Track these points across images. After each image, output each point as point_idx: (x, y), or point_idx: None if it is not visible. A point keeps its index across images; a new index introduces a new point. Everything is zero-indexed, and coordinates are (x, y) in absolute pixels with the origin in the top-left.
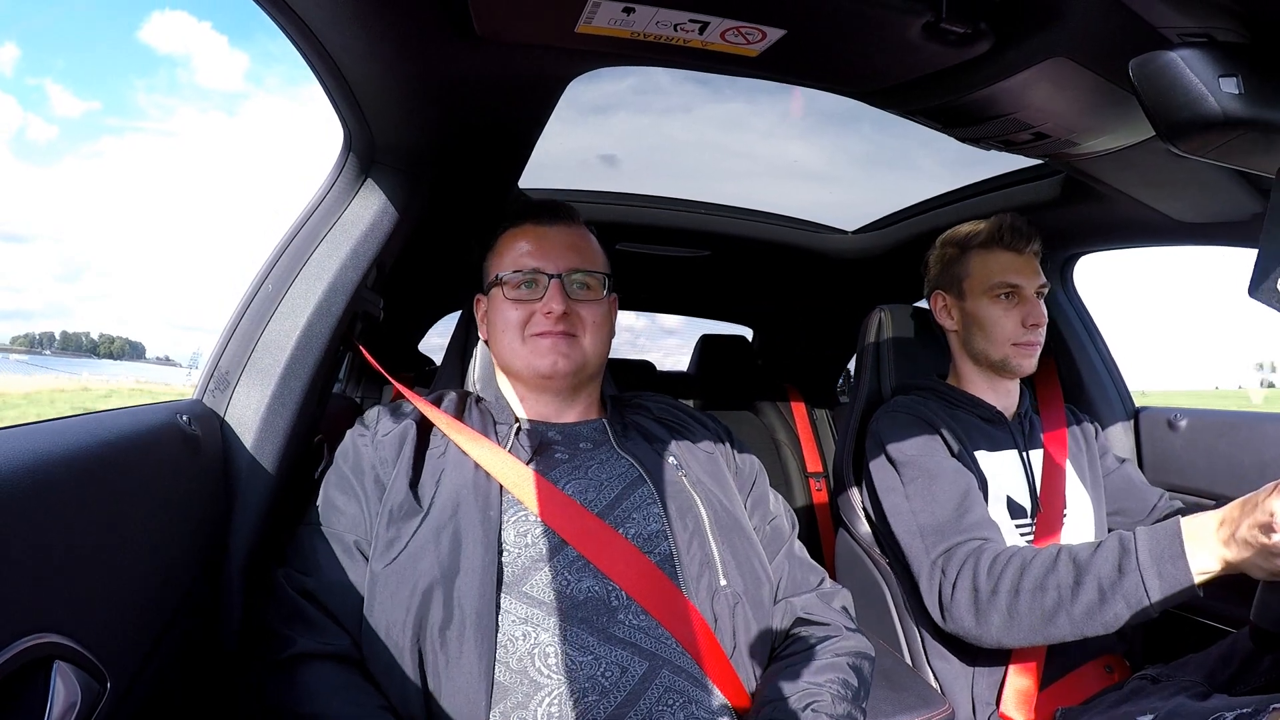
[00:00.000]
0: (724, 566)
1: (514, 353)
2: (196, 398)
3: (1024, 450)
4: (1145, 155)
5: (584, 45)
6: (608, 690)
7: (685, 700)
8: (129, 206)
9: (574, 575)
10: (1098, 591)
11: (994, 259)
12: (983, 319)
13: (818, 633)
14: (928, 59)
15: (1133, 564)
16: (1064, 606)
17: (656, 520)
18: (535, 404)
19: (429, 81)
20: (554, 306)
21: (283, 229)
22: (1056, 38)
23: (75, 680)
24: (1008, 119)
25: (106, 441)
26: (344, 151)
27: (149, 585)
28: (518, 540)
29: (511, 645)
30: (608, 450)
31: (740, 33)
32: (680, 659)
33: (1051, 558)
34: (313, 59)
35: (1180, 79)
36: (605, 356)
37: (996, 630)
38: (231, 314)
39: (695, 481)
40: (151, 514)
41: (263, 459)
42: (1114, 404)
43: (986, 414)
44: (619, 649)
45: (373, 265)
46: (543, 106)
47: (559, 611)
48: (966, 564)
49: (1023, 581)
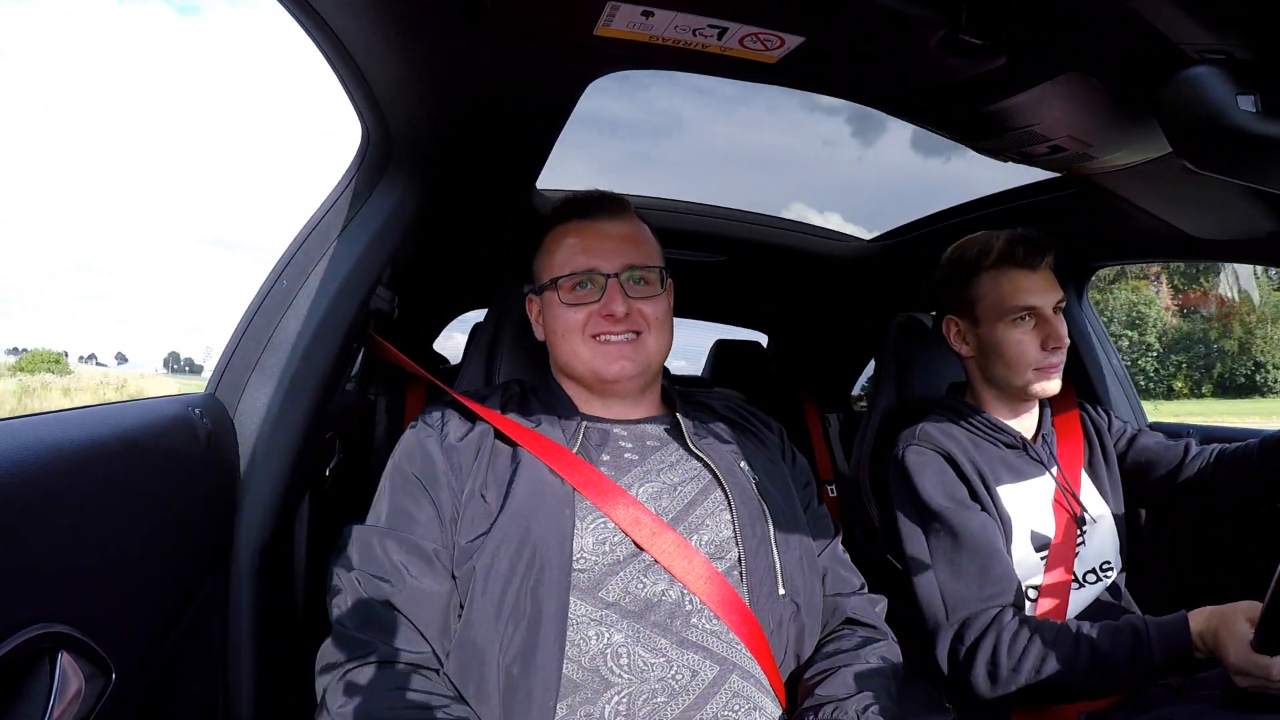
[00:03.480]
0: (785, 574)
1: (576, 356)
2: (209, 391)
3: (1047, 469)
4: (1162, 171)
5: (603, 48)
6: (677, 692)
7: (750, 706)
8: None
9: (649, 579)
10: (1114, 677)
11: (1007, 279)
12: (1001, 345)
13: (865, 634)
14: (945, 70)
15: (1145, 655)
16: (1080, 689)
17: (727, 528)
18: (598, 403)
19: (447, 81)
20: (615, 309)
21: (298, 225)
22: (1074, 52)
23: (80, 670)
24: (1025, 131)
25: (118, 433)
26: (361, 148)
27: (157, 577)
28: (596, 548)
29: (584, 644)
30: (677, 450)
31: (759, 39)
32: (749, 664)
33: (1073, 644)
34: (332, 57)
35: (1198, 96)
36: (668, 352)
37: (1010, 694)
38: (245, 309)
39: (764, 489)
40: (161, 506)
41: (273, 454)
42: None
43: (1008, 440)
44: (691, 652)
45: (387, 263)
46: (561, 108)
47: (633, 614)
48: (987, 636)
49: (1043, 669)
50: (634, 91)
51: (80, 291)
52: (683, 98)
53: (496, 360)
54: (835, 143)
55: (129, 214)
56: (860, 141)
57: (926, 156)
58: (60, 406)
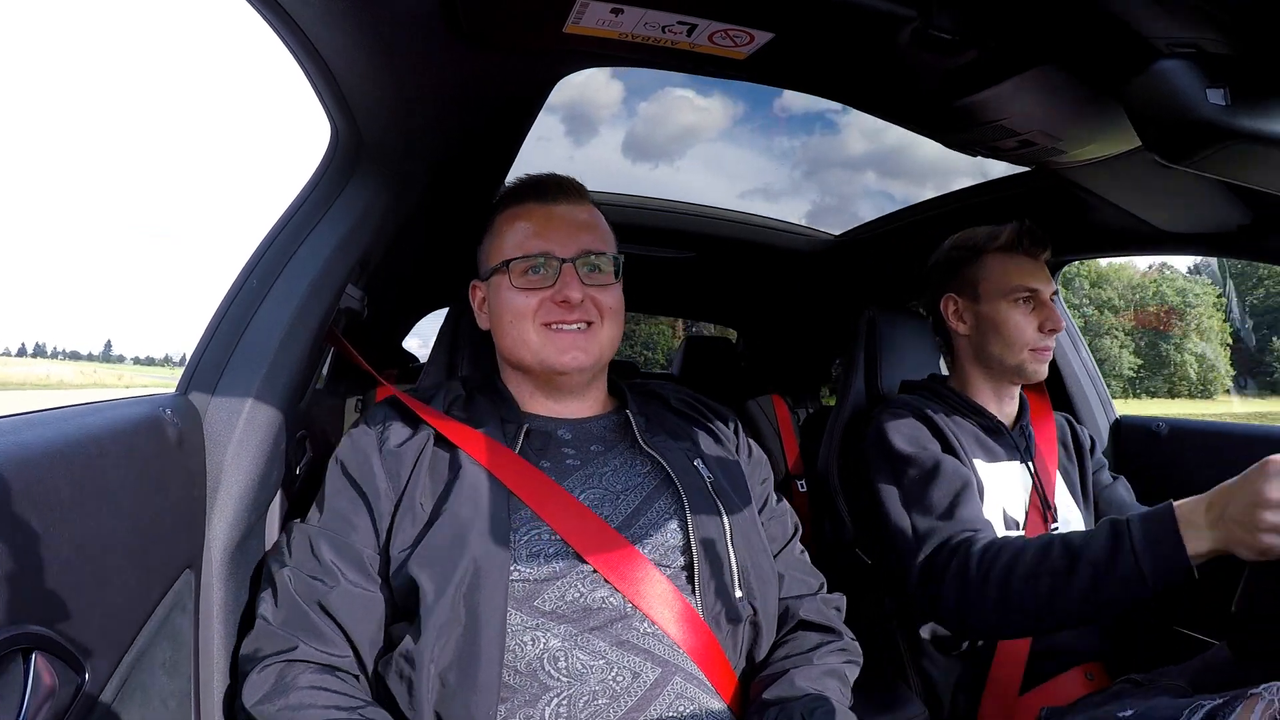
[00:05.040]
0: (740, 577)
1: (523, 344)
2: (179, 391)
3: (1023, 461)
4: (1132, 164)
5: (572, 45)
6: (619, 694)
7: (696, 708)
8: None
9: (588, 587)
10: (1092, 577)
11: (1013, 262)
12: (1000, 323)
13: (818, 639)
14: (915, 65)
15: (1127, 547)
16: (1058, 593)
17: (676, 535)
18: (543, 399)
19: (417, 80)
20: (571, 294)
21: (268, 224)
22: (1044, 45)
23: (54, 671)
24: (994, 126)
25: (88, 434)
26: (331, 148)
27: (128, 577)
28: (530, 560)
29: (520, 650)
30: (625, 452)
31: (729, 35)
32: (692, 667)
33: (1044, 545)
34: (301, 57)
35: (1168, 89)
36: (618, 345)
37: (986, 619)
38: (216, 308)
39: (720, 489)
40: (133, 507)
41: (244, 454)
42: (1096, 412)
43: (988, 423)
44: (632, 654)
45: (357, 262)
46: (530, 105)
47: (571, 620)
48: (957, 554)
49: (1015, 569)
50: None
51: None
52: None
53: (457, 357)
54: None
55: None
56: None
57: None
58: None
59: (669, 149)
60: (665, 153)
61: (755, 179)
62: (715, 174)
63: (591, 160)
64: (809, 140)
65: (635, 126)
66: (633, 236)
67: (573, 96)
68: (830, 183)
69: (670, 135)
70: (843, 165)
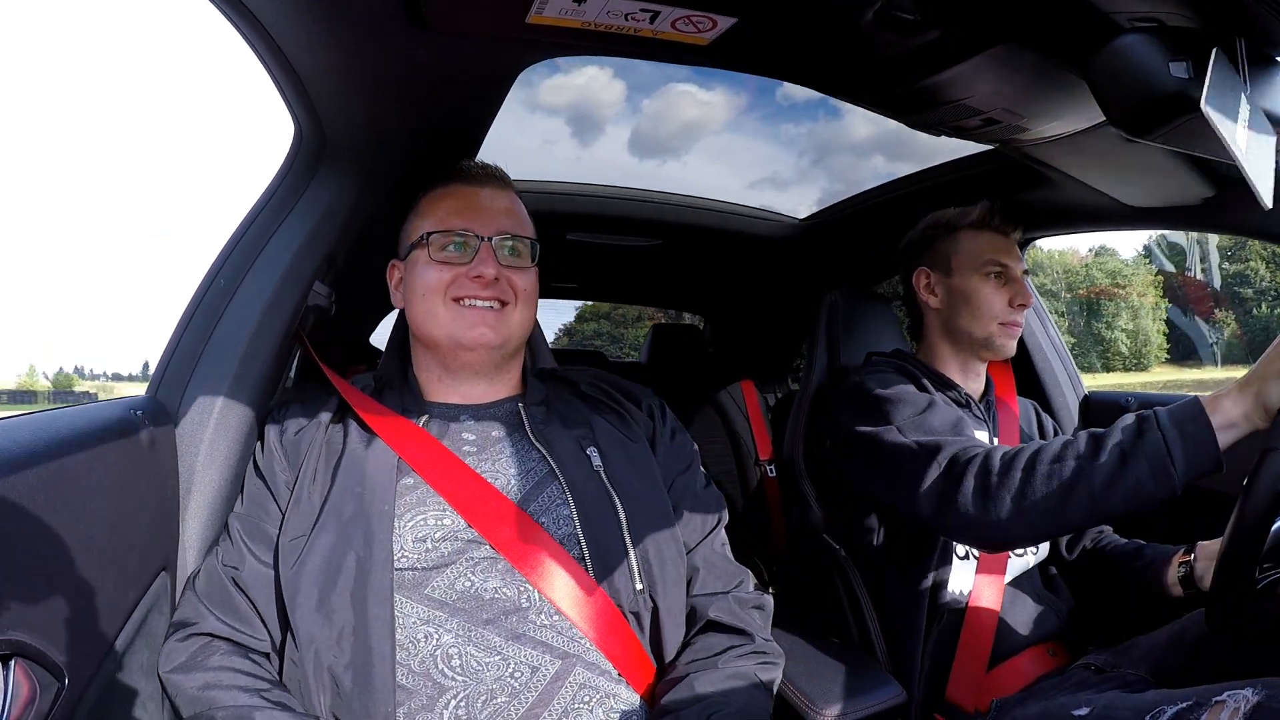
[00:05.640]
0: (640, 568)
1: (434, 318)
2: (150, 394)
3: (990, 436)
4: (1096, 140)
5: (535, 35)
6: (518, 691)
7: (602, 696)
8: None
9: (479, 576)
10: (1119, 455)
11: (985, 239)
12: (971, 296)
13: (726, 641)
14: (878, 46)
15: (1152, 424)
16: (1083, 476)
17: (567, 524)
18: (450, 383)
19: (380, 73)
20: (485, 271)
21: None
22: (1006, 23)
23: (34, 677)
24: (958, 105)
25: (60, 439)
26: (295, 145)
27: (104, 580)
28: (416, 545)
29: (414, 647)
30: (521, 440)
31: (691, 21)
32: (594, 656)
33: (1067, 440)
34: (263, 52)
35: (1130, 64)
36: (530, 331)
37: (1006, 515)
38: (184, 309)
39: (615, 479)
40: (107, 511)
41: (216, 454)
42: (1065, 390)
43: (954, 396)
44: (529, 648)
45: (324, 258)
46: (494, 97)
47: (464, 612)
48: (976, 459)
49: (1039, 459)
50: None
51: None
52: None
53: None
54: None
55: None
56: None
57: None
58: None
59: (675, 144)
60: (671, 148)
61: (763, 169)
62: (723, 166)
63: (599, 160)
64: (814, 127)
65: (640, 124)
66: (600, 225)
67: (575, 97)
68: (838, 168)
69: (675, 130)
70: (850, 150)
